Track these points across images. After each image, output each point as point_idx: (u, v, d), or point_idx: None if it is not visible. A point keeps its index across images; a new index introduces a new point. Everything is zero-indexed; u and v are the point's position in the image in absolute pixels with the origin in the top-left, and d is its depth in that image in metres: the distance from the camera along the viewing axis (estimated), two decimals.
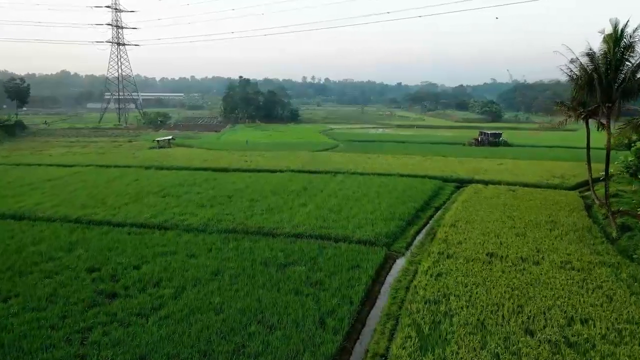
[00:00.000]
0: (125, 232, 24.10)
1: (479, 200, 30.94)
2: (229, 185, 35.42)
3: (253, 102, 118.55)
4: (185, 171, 41.53)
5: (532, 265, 19.46)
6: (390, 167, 43.92)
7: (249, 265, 19.46)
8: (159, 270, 18.84)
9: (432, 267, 19.25)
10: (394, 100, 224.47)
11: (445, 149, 61.08)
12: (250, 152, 53.79)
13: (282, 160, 47.45)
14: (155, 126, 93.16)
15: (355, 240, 22.89)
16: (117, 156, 50.02)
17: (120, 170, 41.04)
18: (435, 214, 29.83)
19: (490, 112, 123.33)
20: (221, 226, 24.81)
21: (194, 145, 60.95)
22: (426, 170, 42.43)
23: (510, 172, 42.08)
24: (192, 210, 28.03)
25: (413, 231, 25.74)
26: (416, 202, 30.34)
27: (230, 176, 39.30)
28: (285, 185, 35.20)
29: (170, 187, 34.54)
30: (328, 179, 38.25)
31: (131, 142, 67.21)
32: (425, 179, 38.47)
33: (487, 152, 57.12)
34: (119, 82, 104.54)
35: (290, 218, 26.28)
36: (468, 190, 34.30)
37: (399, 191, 33.33)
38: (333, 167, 43.09)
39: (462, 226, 25.02)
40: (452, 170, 42.71)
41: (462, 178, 39.46)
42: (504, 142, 65.91)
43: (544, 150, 60.47)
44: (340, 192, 33.05)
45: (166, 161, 46.56)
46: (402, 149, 59.87)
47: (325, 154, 53.93)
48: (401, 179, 37.94)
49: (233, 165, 44.44)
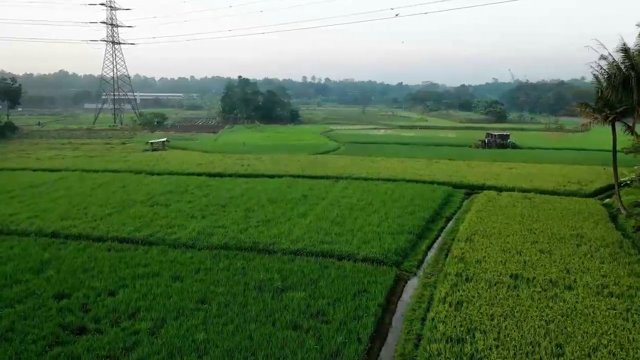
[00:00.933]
0: (105, 248, 21.67)
1: (494, 210, 28.49)
2: (224, 192, 32.99)
3: (252, 103, 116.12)
4: (178, 176, 39.10)
5: (564, 291, 17.00)
6: (395, 171, 41.48)
7: (241, 291, 17.02)
8: (137, 298, 16.40)
9: (451, 292, 16.80)
10: (395, 100, 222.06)
11: (451, 151, 58.64)
12: (247, 156, 51.35)
13: (280, 164, 45.02)
14: (152, 127, 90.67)
15: (361, 258, 20.45)
16: (107, 160, 47.58)
17: (108, 176, 38.60)
18: (447, 225, 27.46)
19: (495, 112, 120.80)
20: (212, 241, 22.38)
21: (189, 148, 58.50)
22: (434, 175, 40.01)
23: (524, 177, 39.64)
24: (181, 221, 25.59)
25: (424, 246, 23.32)
26: (426, 212, 27.91)
27: (225, 182, 36.87)
28: (284, 193, 32.77)
29: (160, 194, 32.11)
30: (329, 185, 35.83)
31: (124, 144, 64.79)
32: (433, 185, 36.04)
33: (495, 155, 54.67)
34: (114, 82, 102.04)
35: (288, 231, 23.85)
36: (481, 198, 31.84)
37: (406, 199, 30.89)
38: (335, 172, 40.66)
39: (478, 241, 22.57)
40: (462, 175, 40.29)
41: (472, 184, 37.06)
42: (512, 144, 63.46)
43: (554, 153, 57.97)
44: (343, 200, 30.61)
45: (158, 165, 44.13)
46: (407, 151, 57.43)
47: (326, 157, 51.51)
48: (408, 185, 35.51)
49: (229, 170, 42.00)
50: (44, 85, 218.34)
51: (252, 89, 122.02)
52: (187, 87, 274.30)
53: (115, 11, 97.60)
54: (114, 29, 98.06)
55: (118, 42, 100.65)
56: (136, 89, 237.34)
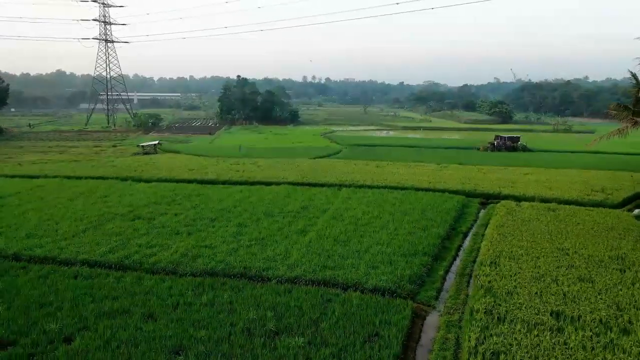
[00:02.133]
0: (71, 274, 18.57)
1: (516, 224, 25.38)
2: (215, 203, 29.89)
3: (250, 103, 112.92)
4: (167, 184, 36.01)
5: (621, 336, 13.90)
6: (402, 178, 38.37)
7: (226, 335, 13.94)
8: (97, 346, 13.32)
9: (482, 338, 13.69)
10: (397, 100, 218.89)
11: (460, 154, 55.53)
12: (243, 160, 48.25)
13: (278, 170, 41.92)
14: (146, 129, 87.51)
15: (370, 288, 17.37)
16: (92, 165, 44.47)
17: (90, 184, 35.51)
18: (464, 243, 24.39)
19: (500, 113, 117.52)
20: (196, 265, 19.29)
21: (182, 151, 55.34)
22: (445, 182, 36.91)
23: (542, 184, 36.54)
24: (163, 240, 22.50)
25: (442, 270, 20.22)
26: (440, 227, 24.80)
27: (217, 190, 33.78)
28: (281, 204, 29.67)
29: (144, 205, 29.00)
30: (332, 194, 32.74)
31: (115, 146, 61.71)
32: (445, 194, 32.96)
33: (507, 159, 51.58)
34: (107, 82, 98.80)
35: (285, 253, 20.76)
36: (499, 210, 28.71)
37: (417, 211, 27.79)
38: (337, 179, 37.58)
39: (505, 264, 19.46)
40: (474, 182, 37.18)
41: (487, 192, 33.97)
42: (523, 146, 60.30)
43: (568, 156, 54.85)
44: (346, 212, 27.50)
45: (146, 171, 41.01)
46: (413, 154, 54.31)
47: (327, 161, 48.40)
48: (417, 195, 32.41)
49: (222, 176, 38.90)
50: (40, 85, 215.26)
51: (251, 88, 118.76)
52: (186, 87, 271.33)
53: (108, 8, 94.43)
54: (107, 26, 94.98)
55: (111, 41, 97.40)
56: (134, 88, 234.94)
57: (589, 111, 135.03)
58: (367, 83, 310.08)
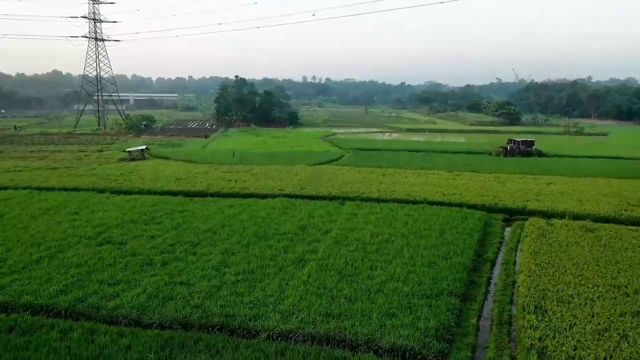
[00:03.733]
0: (6, 326, 14.62)
1: (553, 250, 21.41)
2: (200, 221, 25.91)
3: (248, 104, 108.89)
4: (149, 197, 32.03)
5: None
6: (413, 188, 34.40)
7: None
8: None
9: None
10: (398, 100, 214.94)
11: (471, 160, 51.56)
12: (236, 167, 44.26)
13: (275, 179, 37.95)
14: (138, 131, 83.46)
15: (387, 348, 13.45)
16: (70, 173, 40.43)
17: (62, 197, 31.51)
18: (494, 272, 20.45)
19: (508, 114, 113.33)
20: (166, 312, 15.33)
21: (171, 157, 51.25)
22: (460, 193, 32.95)
23: (569, 196, 32.58)
24: (131, 273, 18.54)
25: (474, 317, 16.24)
26: (464, 255, 20.83)
27: (205, 205, 29.80)
28: (277, 222, 25.70)
29: (118, 225, 25.02)
30: (334, 209, 28.77)
31: (101, 151, 57.70)
32: (462, 208, 29.02)
33: (523, 165, 47.59)
34: (97, 82, 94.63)
35: (278, 293, 16.81)
36: (529, 230, 24.73)
37: (434, 233, 23.83)
38: (340, 190, 33.63)
39: (554, 311, 15.49)
40: (494, 193, 33.22)
41: (511, 207, 29.99)
42: (537, 151, 56.29)
43: (587, 162, 50.82)
44: (352, 234, 23.53)
45: (129, 181, 37.02)
46: (421, 160, 50.32)
47: (328, 168, 44.39)
48: (432, 210, 28.46)
49: (212, 187, 34.91)
50: (36, 86, 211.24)
51: (249, 89, 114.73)
52: (185, 87, 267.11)
53: (98, 5, 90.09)
54: (97, 24, 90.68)
55: (101, 39, 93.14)
56: (132, 89, 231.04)
57: (597, 112, 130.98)
58: (367, 83, 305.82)
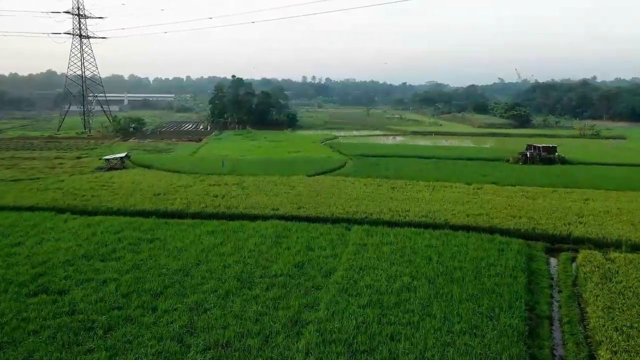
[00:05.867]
0: None
1: (630, 304, 16.18)
2: (170, 257, 20.64)
3: (244, 105, 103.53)
4: (116, 219, 26.75)
5: None
6: (430, 207, 29.17)
7: None
8: None
9: None
10: (400, 101, 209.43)
11: (488, 169, 46.29)
12: (226, 178, 38.97)
13: (268, 194, 32.71)
14: (126, 134, 78.11)
15: None
16: (32, 186, 35.08)
17: (12, 218, 26.21)
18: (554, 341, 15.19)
19: (518, 116, 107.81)
20: None
21: (154, 165, 45.82)
22: (487, 213, 27.75)
23: (617, 217, 27.39)
24: (55, 350, 13.26)
25: None
26: (513, 312, 15.68)
27: (181, 231, 24.54)
28: (266, 259, 20.46)
29: (64, 262, 19.74)
30: (338, 237, 23.53)
31: (80, 158, 52.35)
32: (495, 235, 23.83)
33: (548, 175, 42.39)
34: (83, 82, 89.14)
35: None
36: (588, 271, 19.49)
37: (468, 274, 18.66)
38: (344, 209, 28.44)
39: None
40: (526, 213, 28.00)
41: (551, 233, 24.75)
42: (560, 158, 51.05)
43: (620, 171, 45.57)
44: (362, 278, 18.29)
45: (98, 197, 31.71)
46: (433, 169, 45.04)
47: (330, 179, 39.08)
48: (458, 238, 23.29)
49: (194, 205, 29.65)
50: (29, 86, 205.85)
51: (246, 89, 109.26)
52: (182, 87, 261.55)
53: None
54: (81, 20, 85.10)
55: (86, 36, 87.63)
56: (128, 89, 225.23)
57: (610, 113, 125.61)
58: (368, 83, 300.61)
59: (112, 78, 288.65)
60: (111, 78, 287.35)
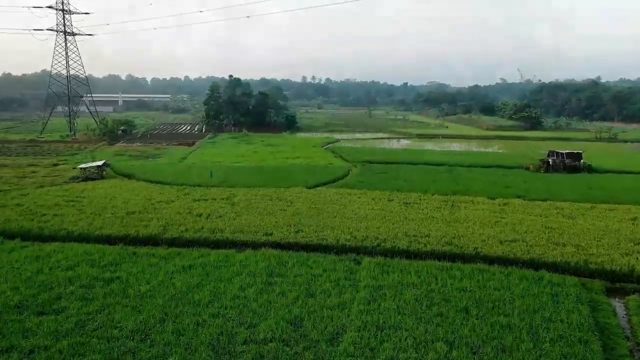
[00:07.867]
0: None
1: None
2: (129, 308, 15.88)
3: (241, 106, 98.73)
4: (75, 247, 22.01)
5: None
6: (452, 229, 24.49)
7: None
8: None
9: None
10: (402, 101, 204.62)
11: (508, 178, 41.52)
12: (213, 191, 34.23)
13: (262, 212, 27.97)
14: (113, 137, 73.28)
15: None
16: None
17: None
18: None
19: (528, 117, 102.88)
20: None
21: (136, 175, 40.88)
22: (523, 238, 23.12)
23: None
24: None
25: None
26: None
27: (151, 265, 19.81)
28: (252, 312, 15.70)
29: None
30: (345, 276, 18.81)
31: (56, 165, 47.56)
32: (540, 272, 19.14)
33: (577, 186, 37.67)
34: (68, 82, 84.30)
35: None
36: None
37: (522, 334, 13.95)
38: (351, 233, 23.78)
39: None
40: (569, 238, 23.38)
41: (607, 268, 20.00)
42: (587, 166, 46.31)
43: None
44: (381, 346, 13.63)
45: (60, 217, 26.89)
46: (449, 179, 40.22)
47: (333, 192, 34.31)
48: (495, 276, 18.65)
49: (172, 227, 24.90)
50: (21, 86, 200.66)
51: (244, 90, 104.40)
52: (179, 88, 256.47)
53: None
54: (66, 15, 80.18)
55: (71, 33, 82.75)
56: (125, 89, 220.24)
57: (621, 115, 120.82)
58: (369, 84, 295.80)
59: (109, 78, 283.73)
60: (107, 78, 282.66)
